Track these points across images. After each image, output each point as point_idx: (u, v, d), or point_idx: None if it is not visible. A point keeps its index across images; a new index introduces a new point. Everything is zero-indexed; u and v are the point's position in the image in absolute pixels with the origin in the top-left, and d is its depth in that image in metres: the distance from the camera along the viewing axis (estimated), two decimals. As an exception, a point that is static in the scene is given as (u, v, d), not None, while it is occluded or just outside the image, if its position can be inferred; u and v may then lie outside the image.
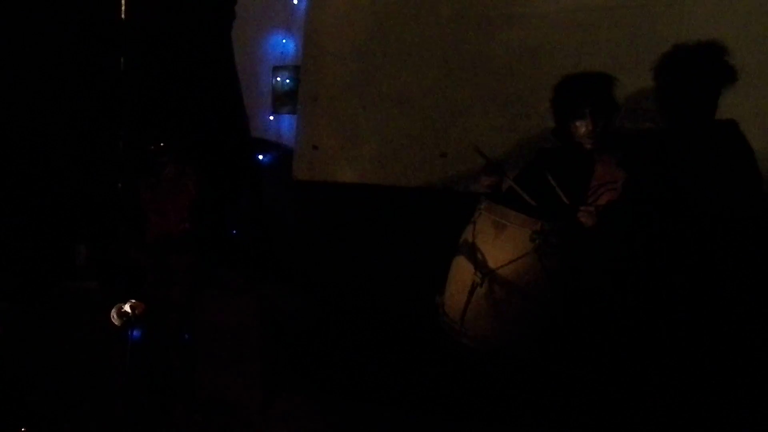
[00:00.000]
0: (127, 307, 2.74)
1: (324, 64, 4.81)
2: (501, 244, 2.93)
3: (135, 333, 3.28)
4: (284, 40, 5.03)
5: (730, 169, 3.58)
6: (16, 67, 4.13)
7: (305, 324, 4.14)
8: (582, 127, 3.06)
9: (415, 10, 4.50)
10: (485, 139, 4.07)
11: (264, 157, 5.01)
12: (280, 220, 4.88)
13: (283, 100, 5.06)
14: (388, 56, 4.60)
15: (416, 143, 4.50)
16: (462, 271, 3.04)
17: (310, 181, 4.86)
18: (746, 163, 3.58)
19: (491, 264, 2.93)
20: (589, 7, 4.06)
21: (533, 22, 4.17)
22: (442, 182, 4.41)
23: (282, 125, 5.09)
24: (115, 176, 4.21)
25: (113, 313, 2.74)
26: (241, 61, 4.87)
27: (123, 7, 4.21)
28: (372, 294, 4.25)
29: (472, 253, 3.01)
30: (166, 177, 4.11)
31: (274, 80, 5.06)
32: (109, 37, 4.19)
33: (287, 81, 5.04)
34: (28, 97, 4.14)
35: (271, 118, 5.10)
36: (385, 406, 3.71)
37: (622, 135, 3.25)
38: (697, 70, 3.57)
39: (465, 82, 4.06)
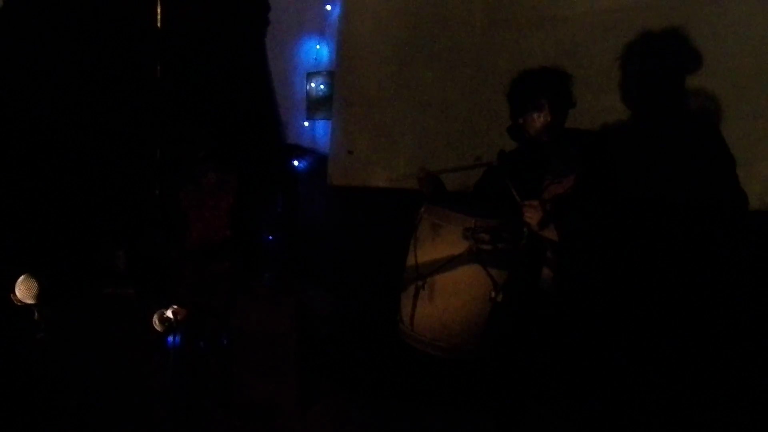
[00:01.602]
0: (169, 313, 2.76)
1: (358, 70, 4.82)
2: (438, 245, 2.96)
3: (175, 339, 3.33)
4: (318, 46, 5.05)
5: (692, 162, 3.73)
6: (57, 76, 4.22)
7: (341, 328, 4.16)
8: (540, 119, 3.06)
9: (449, 15, 4.49)
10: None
11: (299, 162, 5.04)
12: (316, 225, 4.91)
13: (317, 106, 5.08)
14: (422, 61, 4.60)
15: (451, 147, 4.49)
16: (407, 276, 3.07)
17: (345, 186, 4.87)
18: (710, 157, 3.71)
19: (430, 266, 2.95)
20: (623, 8, 4.02)
21: (567, 25, 4.14)
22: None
23: (317, 131, 5.11)
24: (155, 183, 4.27)
25: (155, 319, 2.75)
26: (276, 67, 4.92)
27: (159, 16, 4.27)
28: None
29: (414, 257, 3.04)
30: (207, 184, 4.16)
31: (308, 86, 5.08)
32: (146, 45, 4.25)
33: (321, 87, 5.05)
34: (68, 105, 4.22)
35: (306, 123, 5.11)
36: (421, 408, 3.72)
37: (580, 131, 3.24)
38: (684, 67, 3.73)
39: (499, 86, 4.01)
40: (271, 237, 4.71)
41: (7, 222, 3.88)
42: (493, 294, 2.87)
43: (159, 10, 4.30)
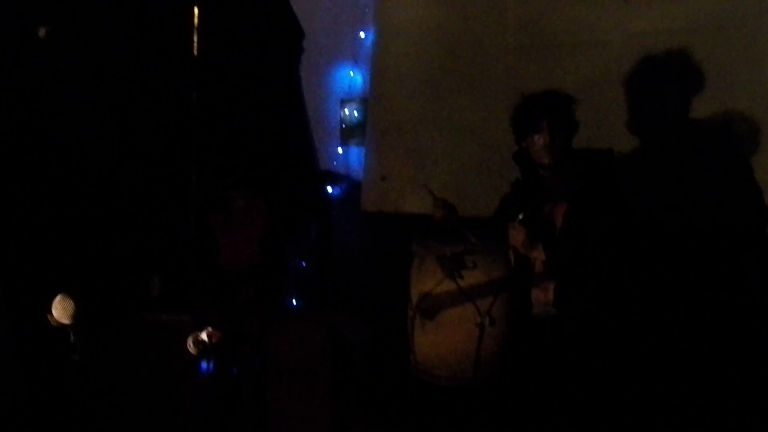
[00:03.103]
0: (203, 336, 2.72)
1: (392, 96, 4.84)
2: (422, 276, 3.06)
3: (209, 365, 3.31)
4: (352, 73, 5.08)
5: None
6: (92, 105, 4.28)
7: (374, 356, 4.12)
8: (540, 140, 3.09)
9: (482, 40, 4.51)
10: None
11: (333, 189, 5.04)
12: (349, 251, 4.89)
13: (351, 133, 5.09)
14: (455, 87, 4.62)
15: (486, 173, 4.47)
16: (407, 309, 3.19)
17: (379, 213, 4.87)
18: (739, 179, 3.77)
19: (419, 298, 3.05)
20: (658, 32, 4.00)
21: (601, 49, 4.15)
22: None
23: (350, 157, 5.12)
24: (188, 209, 4.30)
25: (189, 342, 2.72)
26: (309, 94, 4.94)
27: (195, 44, 4.32)
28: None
29: (409, 289, 3.17)
30: (237, 210, 4.17)
31: (342, 113, 5.11)
32: (181, 73, 4.30)
33: (355, 113, 5.07)
34: (102, 132, 4.27)
35: (340, 150, 5.13)
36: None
37: (585, 151, 3.27)
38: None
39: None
40: (303, 263, 4.70)
41: (45, 245, 3.92)
42: (478, 320, 2.89)
43: (195, 39, 4.35)
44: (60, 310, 2.34)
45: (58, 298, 2.35)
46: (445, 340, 3.00)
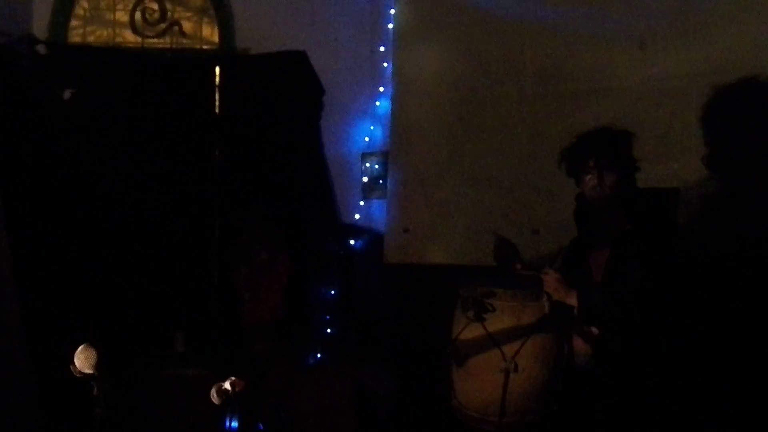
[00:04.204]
0: (227, 385, 2.70)
1: (412, 149, 4.88)
2: (459, 319, 3.05)
3: (234, 419, 3.28)
4: (372, 127, 5.14)
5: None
6: (118, 162, 4.36)
7: (400, 407, 4.07)
8: (590, 181, 2.92)
9: (500, 89, 4.55)
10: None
11: (355, 242, 5.06)
12: (373, 304, 4.87)
13: (372, 186, 5.13)
14: (475, 136, 4.65)
15: (507, 221, 4.46)
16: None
17: (402, 264, 4.86)
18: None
19: (455, 340, 3.02)
20: (677, 76, 4.01)
21: (620, 94, 4.15)
22: (536, 260, 4.33)
23: (372, 210, 5.14)
24: (213, 264, 4.32)
25: (213, 392, 2.70)
26: (331, 148, 5.00)
27: (217, 103, 4.41)
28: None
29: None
30: (260, 263, 4.19)
31: (363, 166, 5.15)
32: (204, 131, 4.38)
33: (376, 167, 5.11)
34: (128, 188, 4.34)
35: (362, 203, 5.16)
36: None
37: (645, 193, 3.07)
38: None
39: (552, 158, 4.02)
40: (327, 317, 4.69)
41: (72, 298, 3.95)
42: (503, 365, 2.85)
43: (217, 98, 4.45)
44: (82, 359, 2.34)
45: (81, 347, 2.35)
46: (473, 383, 2.98)
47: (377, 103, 5.11)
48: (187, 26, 5.36)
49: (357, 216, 5.14)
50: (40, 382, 3.74)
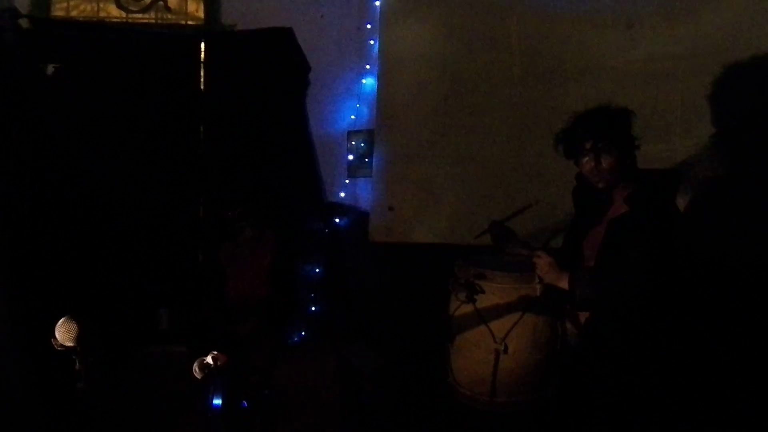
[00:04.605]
0: (209, 359, 2.69)
1: (398, 127, 4.86)
2: (453, 300, 3.16)
3: (217, 398, 3.27)
4: (358, 105, 5.11)
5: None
6: (102, 140, 4.32)
7: (385, 385, 4.07)
8: (587, 164, 2.81)
9: (488, 69, 4.53)
10: (564, 192, 3.99)
11: (341, 220, 5.05)
12: (358, 282, 4.88)
13: (358, 164, 5.11)
14: (461, 116, 4.63)
15: (492, 201, 4.44)
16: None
17: (387, 243, 4.86)
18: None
19: (450, 320, 3.13)
20: (662, 57, 4.02)
21: (607, 74, 4.15)
22: (538, 233, 4.33)
23: (358, 189, 5.13)
24: (196, 241, 4.30)
25: (195, 367, 2.69)
26: (316, 126, 4.97)
27: (202, 79, 4.37)
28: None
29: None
30: (245, 241, 4.17)
31: (348, 145, 5.13)
32: (189, 107, 4.34)
33: (362, 145, 5.09)
34: (111, 165, 4.31)
35: (347, 181, 5.14)
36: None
37: (644, 174, 2.90)
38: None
39: (539, 138, 4.02)
40: (312, 294, 4.69)
41: (56, 274, 3.92)
42: (493, 345, 2.90)
43: (202, 74, 4.41)
44: (63, 332, 2.32)
45: (62, 320, 2.34)
46: (465, 362, 3.04)
47: (363, 81, 5.08)
48: (172, 1, 5.28)
49: (342, 194, 5.12)
50: (22, 358, 3.71)
